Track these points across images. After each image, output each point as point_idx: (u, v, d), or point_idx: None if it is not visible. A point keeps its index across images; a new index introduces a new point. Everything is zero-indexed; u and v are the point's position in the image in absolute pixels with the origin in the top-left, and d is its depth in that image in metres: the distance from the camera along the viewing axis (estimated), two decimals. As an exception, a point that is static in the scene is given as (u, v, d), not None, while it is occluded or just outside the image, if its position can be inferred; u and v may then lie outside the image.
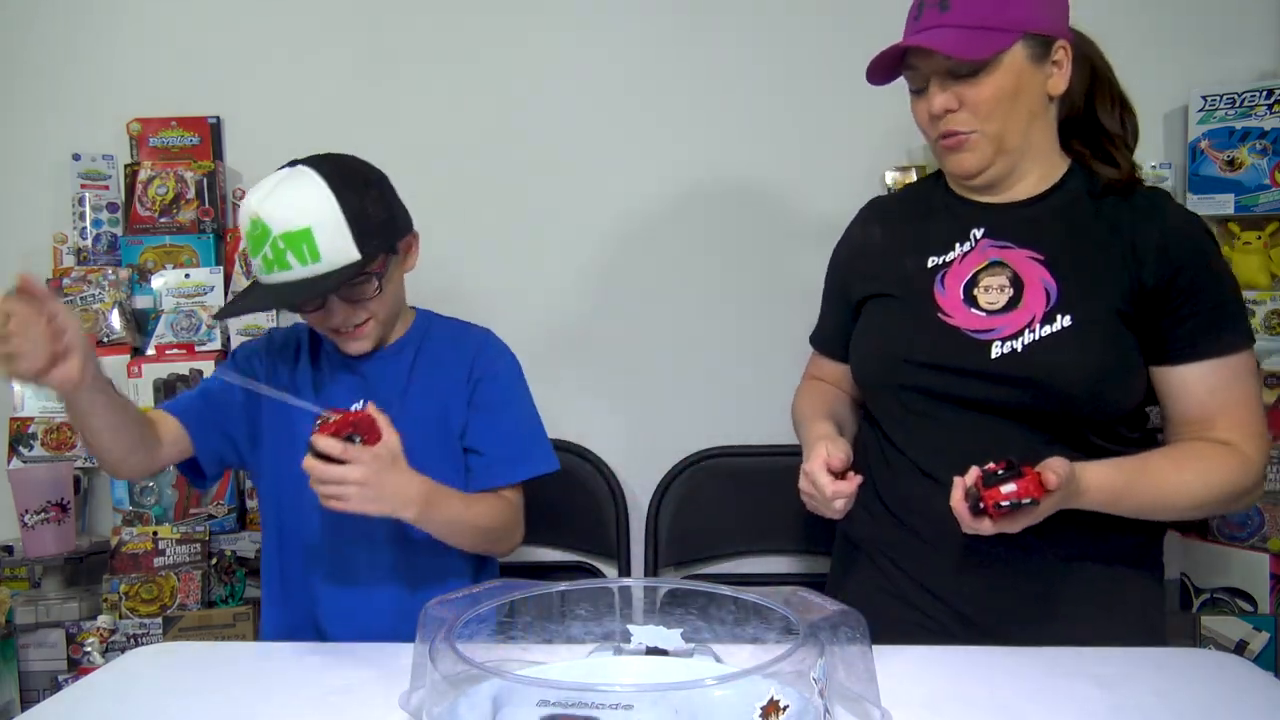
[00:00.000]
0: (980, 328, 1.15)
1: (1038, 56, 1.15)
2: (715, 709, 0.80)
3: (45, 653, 1.63)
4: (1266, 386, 1.75)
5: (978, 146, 1.17)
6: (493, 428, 1.35)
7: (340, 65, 1.93)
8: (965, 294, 1.18)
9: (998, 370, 1.13)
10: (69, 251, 1.87)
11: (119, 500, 1.73)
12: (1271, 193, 1.77)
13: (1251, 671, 1.07)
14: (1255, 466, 1.13)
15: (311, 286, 1.19)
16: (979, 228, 1.21)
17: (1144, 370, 1.15)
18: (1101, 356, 1.12)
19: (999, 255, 1.18)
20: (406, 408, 1.32)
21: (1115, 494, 1.08)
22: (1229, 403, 1.13)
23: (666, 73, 1.91)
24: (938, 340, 1.17)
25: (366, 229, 1.20)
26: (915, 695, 0.97)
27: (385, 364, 1.35)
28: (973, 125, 1.16)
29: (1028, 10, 1.13)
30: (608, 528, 1.87)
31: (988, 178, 1.20)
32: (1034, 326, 1.13)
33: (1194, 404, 1.14)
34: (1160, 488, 1.11)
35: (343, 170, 1.23)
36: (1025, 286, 1.15)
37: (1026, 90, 1.15)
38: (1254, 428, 1.14)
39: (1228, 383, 1.13)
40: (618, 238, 1.94)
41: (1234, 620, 1.63)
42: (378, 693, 1.00)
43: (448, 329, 1.42)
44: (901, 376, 1.20)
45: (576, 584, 1.03)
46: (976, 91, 1.14)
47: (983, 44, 1.11)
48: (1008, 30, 1.12)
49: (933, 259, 1.22)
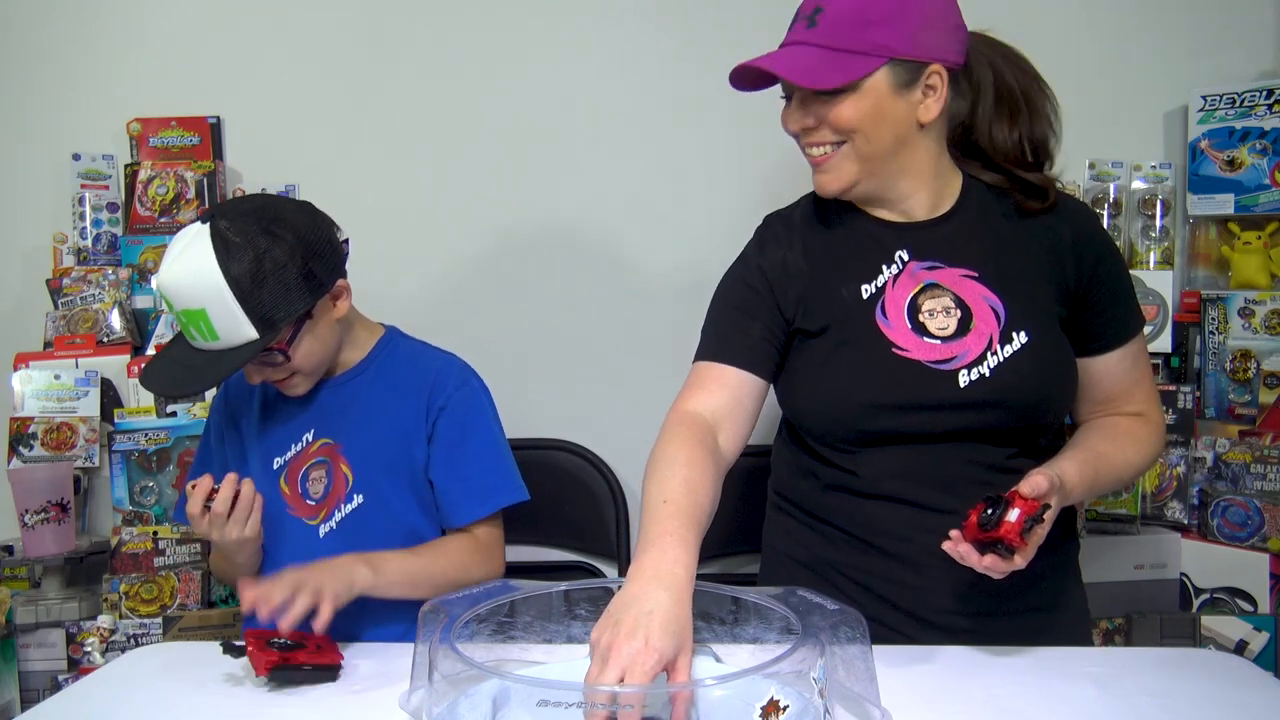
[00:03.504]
0: (940, 358, 1.12)
1: (905, 83, 1.10)
2: (715, 709, 0.80)
3: (45, 653, 1.63)
4: (1266, 386, 1.75)
5: (837, 166, 1.14)
6: (455, 463, 1.33)
7: (340, 65, 1.93)
8: (912, 322, 1.14)
9: (969, 399, 1.11)
10: (69, 251, 1.87)
11: (119, 500, 1.73)
12: (1271, 193, 1.78)
13: (1251, 671, 1.07)
14: (1162, 429, 1.23)
15: (212, 366, 1.19)
16: (901, 249, 1.17)
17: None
18: (1058, 366, 1.15)
19: (931, 278, 1.16)
20: (360, 435, 1.32)
21: (1089, 486, 1.11)
22: (1139, 378, 1.21)
23: (667, 72, 1.91)
24: (900, 379, 1.12)
25: (262, 309, 1.16)
26: (915, 695, 0.97)
27: (336, 391, 1.34)
28: (831, 139, 1.13)
29: (895, 36, 1.08)
30: (608, 528, 1.87)
31: (858, 195, 1.18)
32: (995, 349, 1.12)
33: (1112, 385, 1.20)
34: (1116, 469, 1.15)
35: (244, 237, 1.16)
36: (972, 308, 1.13)
37: (889, 116, 1.11)
38: (1154, 395, 1.23)
39: (1136, 361, 1.20)
40: (618, 237, 1.94)
41: (1234, 620, 1.63)
42: (378, 693, 1.00)
43: (409, 355, 1.38)
44: (864, 422, 1.14)
45: (576, 584, 1.03)
46: (833, 111, 1.11)
47: (837, 71, 1.08)
48: (870, 55, 1.08)
49: (865, 287, 1.17)
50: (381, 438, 1.32)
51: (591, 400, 1.93)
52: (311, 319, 1.24)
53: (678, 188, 1.93)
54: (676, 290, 1.92)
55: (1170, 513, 1.73)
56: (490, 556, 1.34)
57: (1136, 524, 1.68)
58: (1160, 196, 1.85)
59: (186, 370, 1.20)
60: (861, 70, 1.08)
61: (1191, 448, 1.74)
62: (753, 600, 0.95)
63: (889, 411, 1.12)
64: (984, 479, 1.12)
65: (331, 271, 1.24)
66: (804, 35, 1.10)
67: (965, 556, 0.99)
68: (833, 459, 1.19)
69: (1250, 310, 1.77)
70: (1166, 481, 1.73)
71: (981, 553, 0.98)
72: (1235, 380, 1.78)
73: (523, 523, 1.36)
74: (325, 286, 1.23)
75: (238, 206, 1.21)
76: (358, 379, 1.34)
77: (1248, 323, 1.77)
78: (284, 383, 1.29)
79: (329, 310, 1.27)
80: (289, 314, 1.19)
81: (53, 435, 1.72)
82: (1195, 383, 1.80)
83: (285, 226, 1.19)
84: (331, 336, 1.29)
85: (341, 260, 1.27)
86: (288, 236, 1.19)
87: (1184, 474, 1.73)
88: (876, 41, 1.08)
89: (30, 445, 1.72)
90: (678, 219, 1.93)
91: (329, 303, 1.26)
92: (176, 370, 1.22)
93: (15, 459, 1.71)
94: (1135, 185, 1.87)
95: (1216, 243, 1.85)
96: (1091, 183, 1.88)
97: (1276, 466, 1.66)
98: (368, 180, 1.91)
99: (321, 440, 1.32)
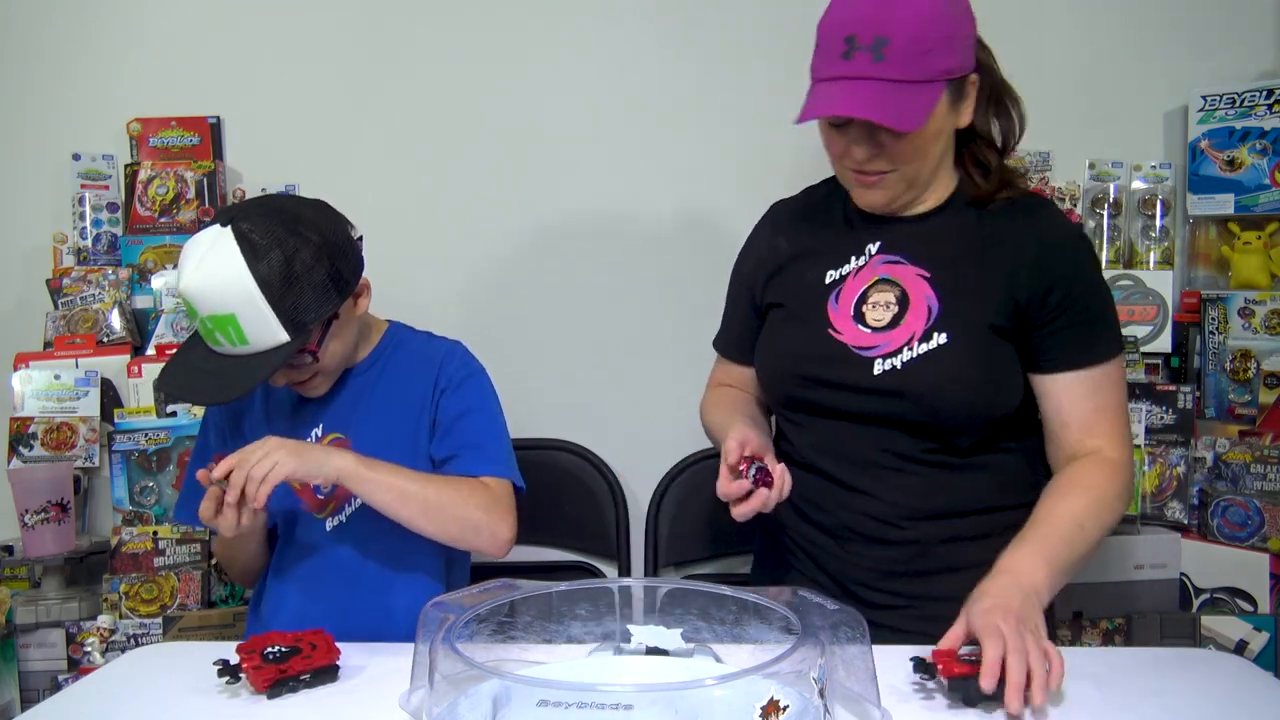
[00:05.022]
0: (865, 344, 1.19)
1: (956, 99, 1.15)
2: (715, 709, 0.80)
3: (45, 653, 1.63)
4: (1266, 386, 1.75)
5: (891, 185, 1.18)
6: (460, 430, 1.33)
7: (340, 65, 1.93)
8: (855, 311, 1.21)
9: (879, 386, 1.17)
10: (69, 251, 1.87)
11: (119, 500, 1.72)
12: (1271, 193, 1.78)
13: (1251, 671, 1.07)
14: (1124, 469, 1.18)
15: (242, 373, 1.17)
16: (874, 242, 1.24)
17: (1020, 378, 1.20)
18: (973, 371, 1.16)
19: (888, 272, 1.22)
20: (369, 427, 1.32)
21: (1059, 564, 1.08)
22: (1102, 410, 1.17)
23: (667, 72, 1.91)
24: (826, 356, 1.21)
25: (294, 310, 1.16)
26: (915, 695, 0.97)
27: (344, 386, 1.34)
28: (889, 167, 1.16)
29: (953, 57, 1.12)
30: (608, 528, 1.87)
31: (894, 208, 1.23)
32: (912, 344, 1.17)
33: (1068, 410, 1.18)
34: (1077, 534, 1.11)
35: (270, 235, 1.15)
36: (910, 304, 1.19)
37: (943, 134, 1.17)
38: (1121, 431, 1.19)
39: (1098, 389, 1.17)
40: (619, 238, 1.94)
41: (1234, 620, 1.63)
42: (378, 693, 1.00)
43: (414, 347, 1.39)
44: (792, 389, 1.26)
45: (576, 584, 1.03)
46: (901, 145, 1.14)
47: (917, 109, 1.09)
48: (935, 81, 1.11)
49: (830, 273, 1.25)
50: (390, 430, 1.32)
51: (592, 400, 1.93)
52: (338, 319, 1.24)
53: (677, 188, 1.93)
54: (677, 290, 1.92)
55: (1170, 513, 1.73)
56: (497, 505, 1.28)
57: (1136, 524, 1.68)
58: (1160, 196, 1.85)
59: (217, 379, 1.18)
60: (933, 100, 1.11)
61: (1191, 448, 1.74)
62: (753, 600, 0.95)
63: (812, 384, 1.22)
64: (897, 466, 1.19)
65: (355, 270, 1.25)
66: (871, 70, 1.08)
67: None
68: (783, 427, 1.33)
69: (1250, 310, 1.77)
70: (1166, 481, 1.73)
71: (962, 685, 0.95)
72: (1235, 380, 1.78)
73: (523, 523, 1.36)
74: (351, 285, 1.23)
75: (257, 208, 1.19)
76: (366, 373, 1.35)
77: (1248, 323, 1.77)
78: (305, 384, 1.29)
79: (352, 309, 1.27)
80: (319, 315, 1.19)
81: (53, 435, 1.72)
82: (1195, 383, 1.80)
83: (309, 227, 1.19)
84: (353, 335, 1.30)
85: (361, 259, 1.28)
86: (313, 237, 1.18)
87: (1184, 474, 1.73)
88: (938, 68, 1.10)
89: (30, 445, 1.72)
90: (678, 219, 1.92)
91: (351, 302, 1.27)
92: (205, 379, 1.19)
93: (15, 459, 1.71)
94: (1135, 185, 1.87)
95: (1216, 243, 1.85)
96: (1091, 183, 1.88)
97: (1276, 466, 1.66)
98: (368, 180, 1.91)
99: (331, 435, 1.32)
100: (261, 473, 1.13)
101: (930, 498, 1.20)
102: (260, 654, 1.02)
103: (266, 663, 1.01)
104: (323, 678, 1.04)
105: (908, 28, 1.07)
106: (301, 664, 1.03)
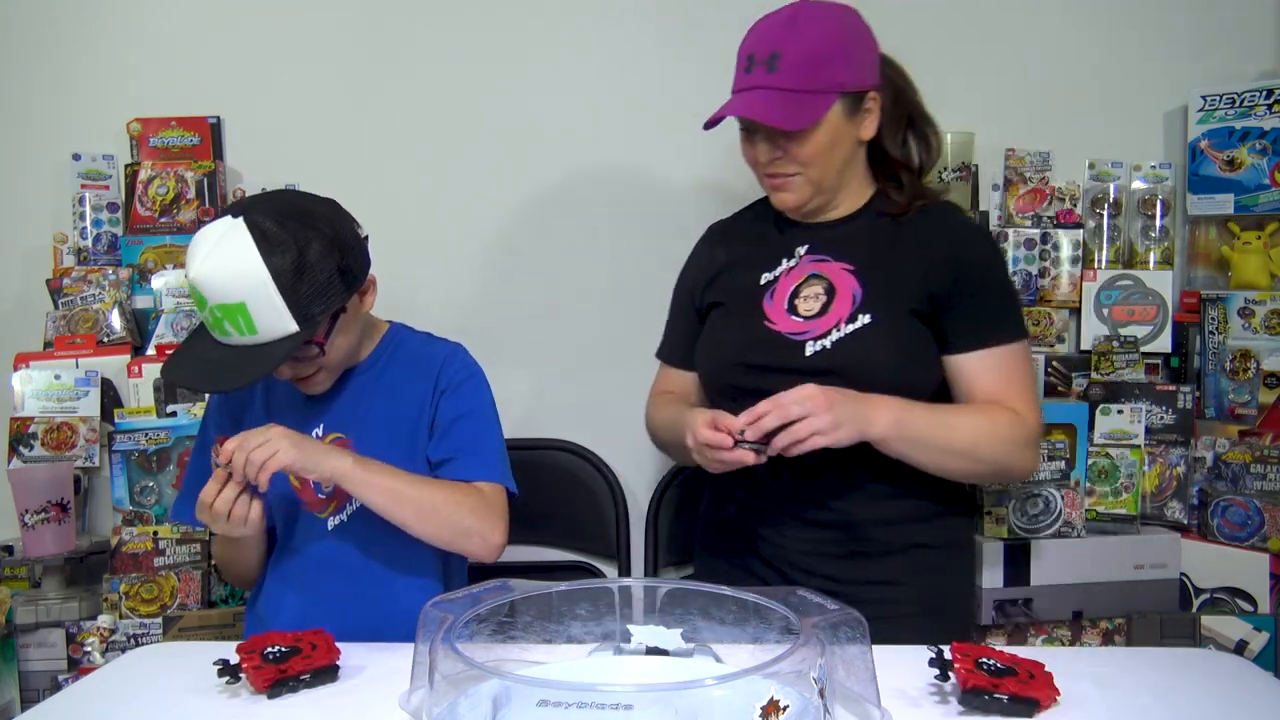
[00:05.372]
0: (797, 331, 1.32)
1: (852, 110, 1.30)
2: (715, 709, 0.80)
3: (45, 653, 1.63)
4: (1266, 386, 1.75)
5: (798, 188, 1.33)
6: (457, 433, 1.33)
7: (340, 65, 1.93)
8: (788, 304, 1.35)
9: (812, 365, 1.29)
10: (69, 251, 1.87)
11: (119, 500, 1.72)
12: (1271, 193, 1.78)
13: (1251, 671, 1.07)
14: (1030, 426, 1.30)
15: (249, 362, 1.17)
16: (803, 245, 1.38)
17: (938, 359, 1.32)
18: (896, 345, 1.29)
19: (817, 269, 1.35)
20: (369, 427, 1.32)
21: (904, 410, 1.23)
22: (1009, 384, 1.30)
23: (667, 72, 1.91)
24: (762, 344, 1.34)
25: (304, 301, 1.17)
26: (915, 695, 0.97)
27: (346, 385, 1.34)
28: (794, 170, 1.31)
29: (846, 72, 1.27)
30: (608, 528, 1.87)
31: (807, 210, 1.37)
32: (840, 326, 1.30)
33: (980, 386, 1.30)
34: (948, 416, 1.28)
35: (283, 228, 1.17)
36: (837, 293, 1.32)
37: (842, 141, 1.31)
38: (1030, 403, 1.31)
39: (1004, 367, 1.30)
40: (618, 237, 1.94)
41: (1234, 620, 1.63)
42: (378, 693, 1.01)
43: (414, 348, 1.40)
44: (734, 377, 1.36)
45: (576, 584, 1.03)
46: (798, 147, 1.29)
47: (806, 111, 1.25)
48: (827, 92, 1.26)
49: (765, 275, 1.39)
50: (390, 430, 1.33)
51: (592, 400, 1.93)
52: (345, 313, 1.26)
53: (677, 188, 1.93)
54: (676, 290, 1.92)
55: (1170, 513, 1.73)
56: (490, 511, 1.29)
57: (1136, 524, 1.68)
58: (1160, 196, 1.85)
59: (223, 368, 1.19)
60: (823, 108, 1.26)
61: (1191, 448, 1.74)
62: (753, 600, 0.95)
63: (750, 371, 1.32)
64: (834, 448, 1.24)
65: (362, 267, 1.27)
66: (766, 79, 1.26)
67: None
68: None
69: (1250, 310, 1.77)
70: (1166, 481, 1.74)
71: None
72: (1235, 380, 1.78)
73: (523, 523, 1.36)
74: (359, 281, 1.26)
75: (269, 202, 1.22)
76: (367, 373, 1.35)
77: (1248, 323, 1.77)
78: (308, 380, 1.29)
79: (358, 305, 1.29)
80: (328, 308, 1.20)
81: (53, 435, 1.72)
82: (1195, 383, 1.80)
83: (320, 220, 1.21)
84: (357, 331, 1.32)
85: (368, 256, 1.29)
86: (325, 230, 1.20)
87: (1184, 474, 1.73)
88: (830, 80, 1.26)
89: (30, 445, 1.72)
90: (678, 219, 1.92)
91: (358, 298, 1.28)
92: (211, 368, 1.20)
93: (15, 459, 1.71)
94: (1135, 185, 1.87)
95: (1216, 243, 1.85)
96: (1091, 183, 1.88)
97: (1276, 466, 1.66)
98: (368, 180, 1.91)
99: (332, 434, 1.32)
100: (261, 458, 1.15)
101: (861, 479, 1.30)
102: (260, 654, 1.02)
103: (266, 663, 1.01)
104: (323, 678, 1.04)
105: (800, 45, 1.25)
106: (301, 664, 1.03)
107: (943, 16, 1.89)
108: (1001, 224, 1.87)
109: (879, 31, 1.32)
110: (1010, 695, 0.93)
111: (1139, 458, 1.68)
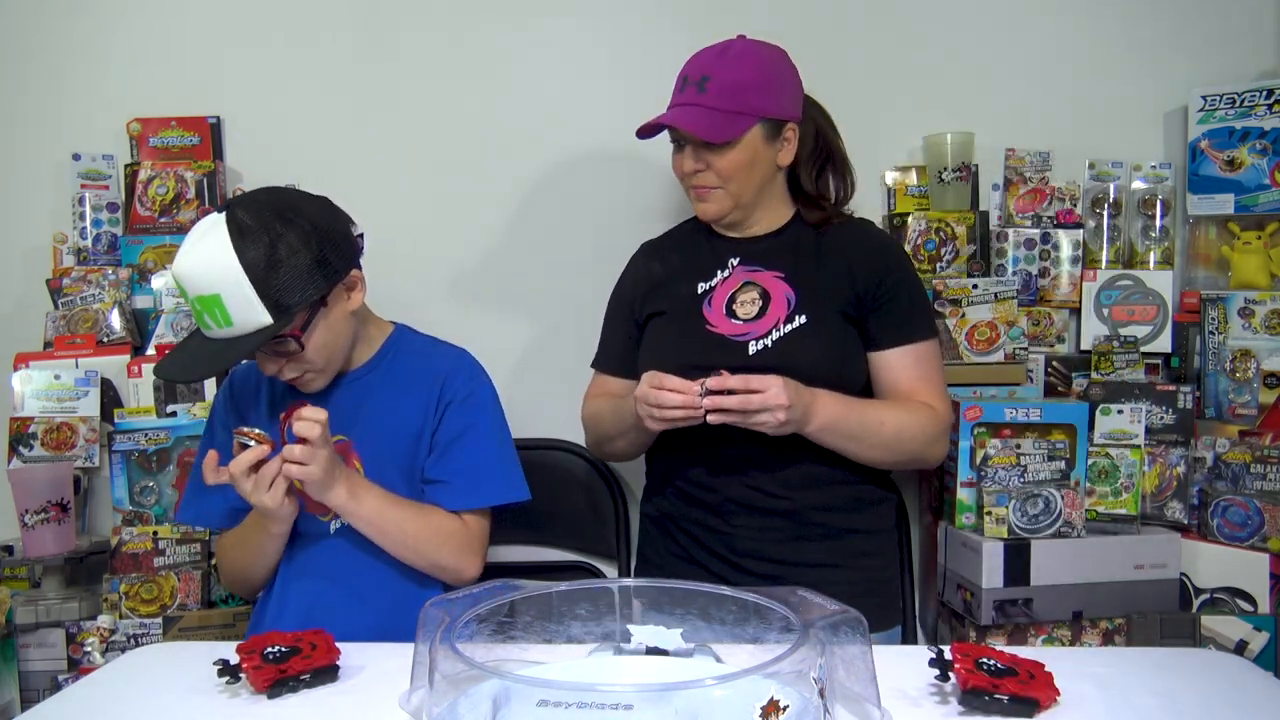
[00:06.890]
0: (738, 333, 1.44)
1: (771, 136, 1.44)
2: (715, 709, 0.80)
3: (45, 653, 1.63)
4: (1266, 386, 1.75)
5: (718, 199, 1.46)
6: (456, 452, 1.34)
7: (340, 65, 1.93)
8: (727, 309, 1.47)
9: (754, 363, 1.40)
10: (69, 251, 1.87)
11: (119, 500, 1.73)
12: (1271, 193, 1.78)
13: (1251, 671, 1.07)
14: (943, 419, 1.47)
15: (224, 352, 1.20)
16: (735, 257, 1.51)
17: (864, 356, 1.46)
18: (830, 342, 1.43)
19: (750, 277, 1.49)
20: (371, 431, 1.33)
21: (841, 407, 1.36)
22: (922, 377, 1.45)
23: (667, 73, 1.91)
24: (705, 346, 1.44)
25: (277, 294, 1.18)
26: (916, 695, 0.97)
27: (348, 388, 1.35)
28: (715, 183, 1.45)
29: (766, 100, 1.41)
30: (608, 528, 1.87)
31: (727, 221, 1.50)
32: (779, 326, 1.43)
33: (897, 379, 1.45)
34: (877, 412, 1.41)
35: (260, 223, 1.18)
36: (772, 299, 1.45)
37: (760, 162, 1.45)
38: (941, 395, 1.47)
39: (920, 361, 1.46)
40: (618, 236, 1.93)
41: (1234, 620, 1.63)
42: (378, 693, 1.01)
43: (419, 352, 1.40)
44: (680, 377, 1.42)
45: (576, 584, 1.03)
46: (720, 160, 1.42)
47: (726, 128, 1.39)
48: (748, 114, 1.40)
49: (701, 284, 1.51)
50: (392, 434, 1.33)
51: (591, 400, 1.93)
52: (326, 307, 1.25)
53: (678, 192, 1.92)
54: (676, 290, 1.91)
55: (1170, 513, 1.73)
56: (469, 548, 1.34)
57: (1136, 524, 1.68)
58: (1160, 196, 1.85)
59: (196, 359, 1.22)
60: (744, 127, 1.40)
61: (1191, 448, 1.74)
62: (753, 600, 0.95)
63: (697, 371, 1.34)
64: (775, 440, 1.34)
65: (346, 260, 1.26)
66: (696, 99, 1.41)
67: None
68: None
69: (1250, 310, 1.77)
70: (1166, 481, 1.73)
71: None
72: (1235, 380, 1.78)
73: (523, 523, 1.36)
74: (339, 274, 1.25)
75: (255, 197, 1.23)
76: (369, 376, 1.35)
77: (1248, 323, 1.77)
78: (300, 380, 1.29)
79: (343, 300, 1.29)
80: (303, 299, 1.20)
81: (53, 435, 1.72)
82: (1195, 383, 1.80)
83: (300, 214, 1.22)
84: (346, 329, 1.31)
85: (356, 251, 1.30)
86: (302, 223, 1.21)
87: (1184, 474, 1.73)
88: (753, 104, 1.40)
89: (30, 445, 1.72)
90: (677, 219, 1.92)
91: (343, 293, 1.28)
92: (185, 358, 1.23)
93: (15, 459, 1.71)
94: (1135, 185, 1.87)
95: (1216, 243, 1.85)
96: (1091, 183, 1.88)
97: (1276, 466, 1.66)
98: (368, 180, 1.91)
99: (335, 437, 1.32)
100: (293, 474, 1.19)
101: (804, 467, 1.42)
102: (260, 654, 1.02)
103: (266, 663, 1.01)
104: (323, 678, 1.04)
105: (729, 73, 1.40)
106: (301, 664, 1.03)
107: (943, 17, 1.89)
108: (1001, 224, 1.87)
109: (879, 34, 1.36)
110: (1010, 695, 0.93)
111: (1139, 458, 1.68)
